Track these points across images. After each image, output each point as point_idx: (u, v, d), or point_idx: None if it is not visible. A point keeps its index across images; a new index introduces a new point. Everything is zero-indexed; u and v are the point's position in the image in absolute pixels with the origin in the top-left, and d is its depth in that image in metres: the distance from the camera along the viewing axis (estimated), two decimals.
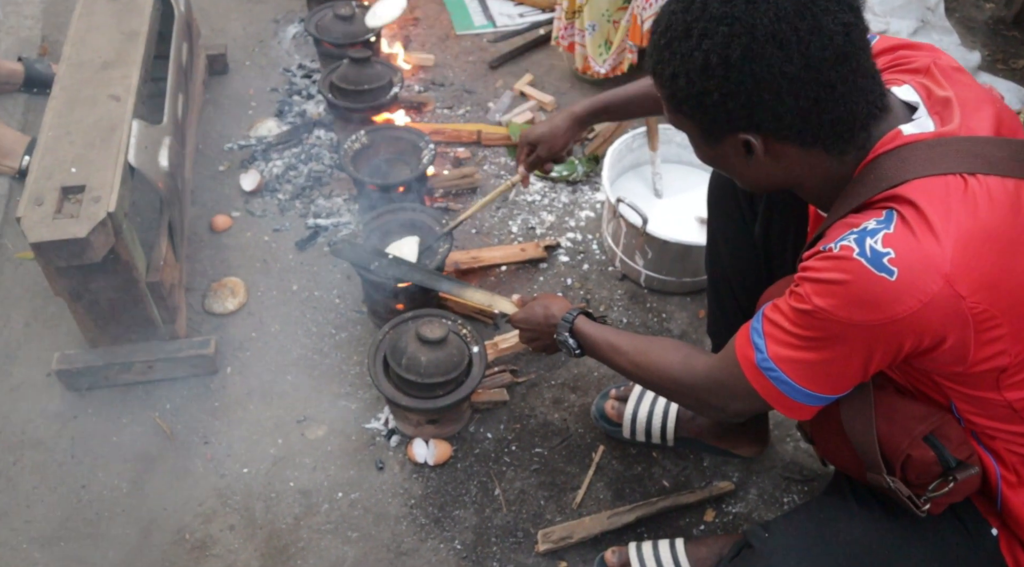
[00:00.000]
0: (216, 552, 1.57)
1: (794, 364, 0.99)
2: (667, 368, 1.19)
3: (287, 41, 2.79)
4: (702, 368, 1.15)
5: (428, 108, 2.53)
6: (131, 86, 1.79)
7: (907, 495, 1.05)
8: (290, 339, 1.92)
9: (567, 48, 2.54)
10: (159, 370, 1.80)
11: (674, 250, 1.90)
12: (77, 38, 1.92)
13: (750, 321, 1.06)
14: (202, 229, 2.17)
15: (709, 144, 1.02)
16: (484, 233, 2.17)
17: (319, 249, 2.13)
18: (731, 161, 1.02)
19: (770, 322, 1.01)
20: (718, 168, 1.10)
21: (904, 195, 0.91)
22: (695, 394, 1.16)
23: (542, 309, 1.42)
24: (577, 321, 1.36)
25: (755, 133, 0.96)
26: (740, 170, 1.04)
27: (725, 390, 1.10)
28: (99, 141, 1.66)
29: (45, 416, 1.77)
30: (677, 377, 1.18)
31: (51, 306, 1.95)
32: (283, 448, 1.73)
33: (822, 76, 0.91)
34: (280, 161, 2.34)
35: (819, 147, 0.97)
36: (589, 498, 1.65)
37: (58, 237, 1.48)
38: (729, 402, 1.11)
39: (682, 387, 1.18)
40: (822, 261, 0.94)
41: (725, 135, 0.98)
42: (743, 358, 1.05)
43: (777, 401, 1.03)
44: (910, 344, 0.93)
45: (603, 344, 1.31)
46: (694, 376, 1.15)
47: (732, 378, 1.07)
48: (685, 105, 0.98)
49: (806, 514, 1.19)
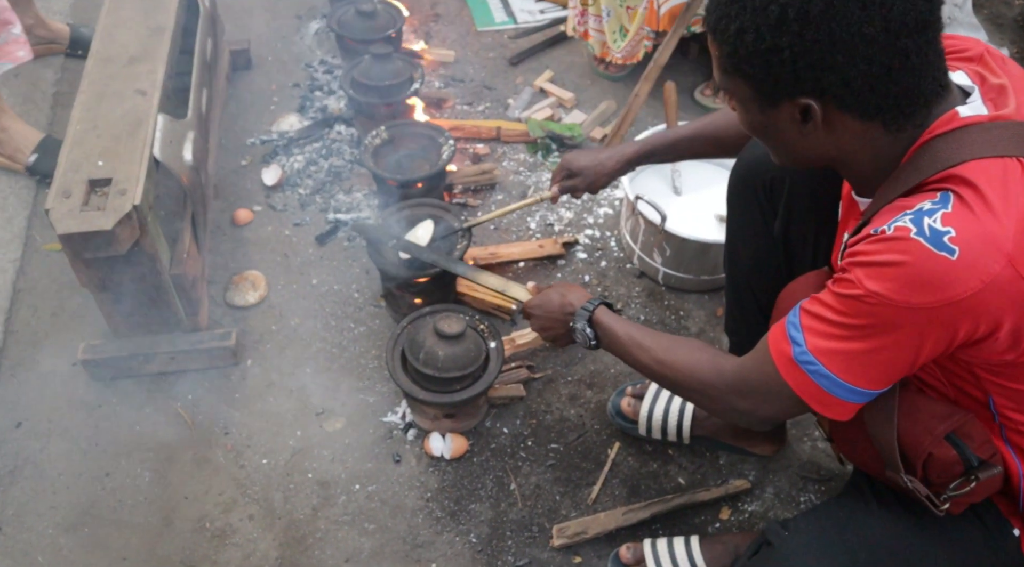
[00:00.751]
0: (235, 541, 1.59)
1: (837, 356, 0.95)
2: (694, 368, 1.15)
3: (309, 37, 2.81)
4: (732, 368, 1.10)
5: (448, 104, 2.54)
6: (157, 81, 1.82)
7: (925, 494, 1.03)
8: (309, 332, 1.94)
9: (583, 35, 2.54)
10: (181, 361, 1.83)
11: (693, 248, 1.90)
12: (105, 33, 1.95)
13: (784, 317, 1.02)
14: (224, 223, 2.19)
15: (763, 109, 0.97)
16: (503, 229, 2.18)
17: (339, 244, 2.15)
18: (781, 129, 0.98)
19: (809, 314, 0.97)
20: (763, 137, 1.05)
21: (961, 175, 0.89)
22: (723, 397, 1.11)
23: (559, 296, 1.38)
24: (597, 311, 1.31)
25: (818, 98, 0.92)
26: (789, 140, 1.00)
27: (756, 391, 1.05)
28: (125, 135, 1.69)
29: (71, 405, 1.80)
30: (704, 378, 1.13)
31: (77, 297, 1.98)
32: (302, 440, 1.75)
33: (899, 42, 0.87)
34: (301, 156, 2.36)
35: (878, 120, 0.93)
36: (604, 494, 1.66)
37: (85, 229, 1.51)
38: (760, 405, 1.06)
39: (709, 389, 1.13)
40: (875, 244, 0.90)
41: (783, 99, 0.94)
42: (777, 354, 1.00)
43: (815, 398, 0.99)
44: (965, 330, 0.90)
45: (624, 338, 1.26)
46: (723, 377, 1.10)
47: (765, 377, 1.02)
48: (747, 64, 0.93)
49: (825, 513, 1.17)
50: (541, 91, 2.59)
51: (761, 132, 1.03)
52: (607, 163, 1.59)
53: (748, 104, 0.99)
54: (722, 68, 0.98)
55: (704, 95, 2.55)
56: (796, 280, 1.21)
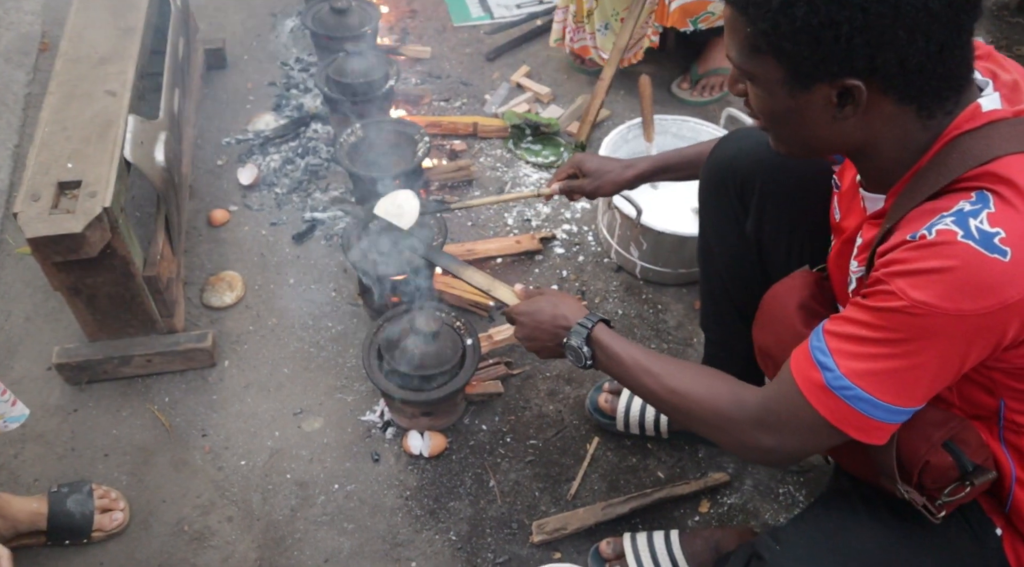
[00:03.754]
0: (214, 543, 1.58)
1: (877, 377, 0.89)
2: (710, 399, 1.05)
3: (285, 35, 2.79)
4: (754, 400, 1.01)
5: (425, 101, 2.53)
6: (127, 81, 1.80)
7: (922, 503, 1.01)
8: (287, 332, 1.94)
9: (578, 51, 2.50)
10: (157, 364, 1.82)
11: (669, 241, 1.90)
12: (74, 33, 1.92)
13: (804, 343, 0.96)
14: (200, 223, 2.18)
15: (793, 93, 0.90)
16: (479, 225, 2.17)
17: (316, 243, 2.14)
18: (809, 115, 0.91)
19: (838, 336, 0.91)
20: (780, 124, 0.97)
21: (996, 172, 0.85)
22: (745, 431, 1.01)
23: (550, 307, 1.27)
24: (597, 329, 1.20)
25: (866, 79, 0.85)
26: (814, 127, 0.93)
27: (784, 425, 0.97)
28: (95, 136, 1.67)
29: (46, 410, 1.79)
30: (723, 410, 1.04)
31: (51, 301, 1.97)
32: (280, 440, 1.74)
33: (958, 19, 0.83)
34: (277, 155, 2.34)
35: (913, 105, 0.88)
36: (584, 489, 1.66)
37: (54, 232, 1.50)
38: (788, 439, 0.98)
39: (728, 422, 1.03)
40: (917, 250, 0.85)
41: (822, 81, 0.87)
42: (805, 383, 0.93)
43: (852, 425, 0.92)
44: (1012, 334, 0.86)
45: (629, 362, 1.16)
46: (745, 409, 1.01)
47: (793, 408, 0.95)
48: (789, 41, 0.85)
49: (815, 524, 1.12)
50: (518, 86, 2.59)
51: (781, 119, 0.95)
52: (624, 173, 1.52)
53: (774, 88, 0.91)
54: (749, 47, 0.90)
55: (681, 88, 2.55)
56: (781, 282, 1.18)
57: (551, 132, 2.38)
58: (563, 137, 2.40)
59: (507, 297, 1.43)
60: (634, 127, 2.15)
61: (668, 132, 2.18)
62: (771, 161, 1.26)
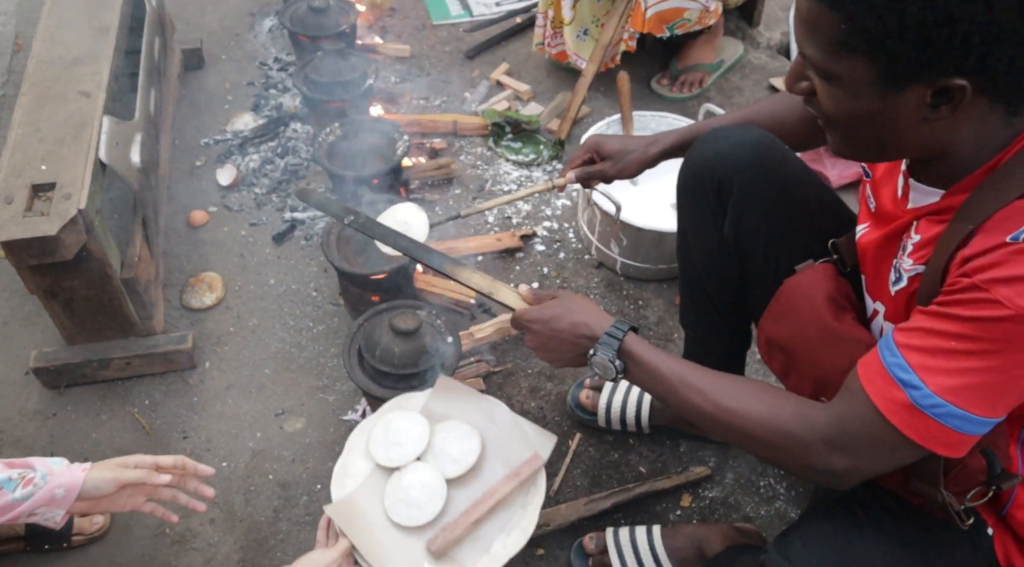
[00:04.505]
0: (196, 546, 1.58)
1: (970, 391, 0.83)
2: (773, 419, 0.96)
3: (263, 34, 2.78)
4: (825, 420, 0.93)
5: (404, 99, 2.53)
6: (101, 82, 1.79)
7: (960, 508, 0.98)
8: (268, 333, 1.93)
9: (555, 57, 2.49)
10: (137, 366, 1.81)
11: (649, 237, 1.91)
12: (46, 34, 1.91)
13: (872, 355, 0.91)
14: (179, 224, 2.16)
15: (883, 94, 0.84)
16: (460, 223, 2.17)
17: (296, 243, 2.13)
18: (895, 117, 0.86)
19: (919, 351, 0.85)
20: (857, 127, 0.90)
21: None
22: (815, 454, 0.93)
23: (568, 314, 1.14)
24: (628, 341, 1.09)
25: (974, 78, 0.80)
26: (897, 129, 0.87)
27: (859, 445, 0.91)
28: (69, 138, 1.66)
29: (24, 414, 1.77)
30: (790, 431, 0.95)
31: (28, 304, 1.95)
32: (262, 441, 1.73)
33: None
34: (257, 155, 2.33)
35: (1003, 104, 0.84)
36: (566, 485, 1.66)
37: (28, 235, 1.48)
38: (862, 461, 0.92)
39: (796, 445, 0.95)
40: (1020, 255, 0.80)
41: (919, 81, 0.82)
42: (886, 402, 0.87)
43: (940, 442, 0.87)
44: None
45: (672, 378, 1.05)
46: (814, 430, 0.93)
47: (870, 429, 0.89)
48: (894, 39, 0.79)
49: (824, 541, 1.05)
50: (498, 84, 2.59)
51: (860, 121, 0.89)
52: (648, 150, 1.41)
53: (860, 89, 0.85)
54: (838, 46, 0.83)
55: (660, 84, 2.56)
56: (801, 275, 1.14)
57: (531, 129, 2.39)
58: (543, 134, 2.40)
59: (512, 300, 1.26)
60: (613, 123, 2.15)
61: (647, 128, 2.19)
62: (748, 163, 1.25)
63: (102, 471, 1.22)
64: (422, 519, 1.32)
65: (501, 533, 1.33)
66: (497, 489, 1.35)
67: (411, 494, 1.34)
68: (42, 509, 1.16)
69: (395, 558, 1.28)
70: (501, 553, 1.30)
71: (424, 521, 1.32)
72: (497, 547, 1.32)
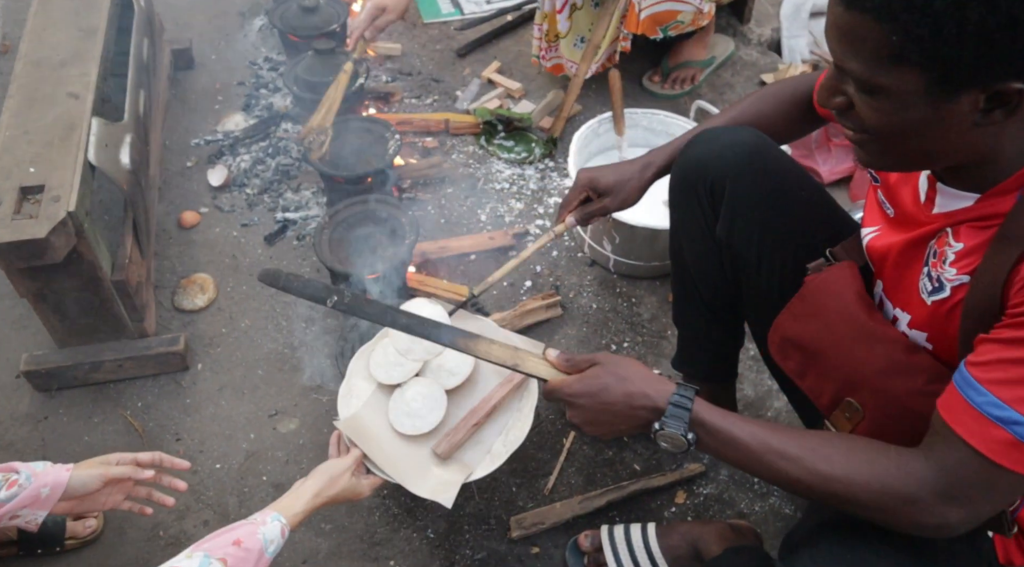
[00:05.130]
0: None
1: None
2: (877, 481, 0.90)
3: (253, 34, 2.77)
4: (931, 473, 0.88)
5: (395, 98, 2.52)
6: (90, 83, 1.78)
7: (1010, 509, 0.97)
8: (260, 334, 1.92)
9: (550, 70, 2.46)
10: (129, 368, 1.80)
11: (642, 235, 1.91)
12: (34, 35, 1.89)
13: (952, 397, 0.87)
14: (170, 226, 2.16)
15: (934, 102, 0.82)
16: (453, 223, 2.17)
17: (288, 243, 2.12)
18: (945, 125, 0.83)
19: (1009, 384, 0.82)
20: (902, 138, 0.87)
21: None
22: (925, 510, 0.88)
23: (618, 383, 1.03)
24: (699, 408, 0.99)
25: None
26: (947, 137, 0.85)
27: (972, 494, 0.87)
28: (58, 140, 1.65)
29: (15, 418, 1.76)
30: (898, 491, 0.89)
31: (18, 307, 1.94)
32: (255, 443, 1.73)
33: None
34: (248, 155, 2.32)
35: None
36: (561, 484, 1.66)
37: (17, 238, 1.47)
38: (979, 507, 0.88)
39: (904, 504, 0.89)
40: None
41: (973, 87, 0.80)
42: (988, 445, 0.83)
43: None
44: None
45: (757, 446, 0.96)
46: (921, 485, 0.88)
47: (980, 475, 0.85)
48: (952, 47, 0.77)
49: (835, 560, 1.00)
50: (489, 82, 2.58)
51: (907, 132, 0.86)
52: (644, 175, 1.38)
53: (909, 99, 0.82)
54: (887, 58, 0.80)
55: (652, 82, 2.56)
56: (827, 273, 1.12)
57: (523, 127, 2.38)
58: (535, 132, 2.40)
59: (543, 371, 1.12)
60: (605, 121, 2.15)
61: (639, 125, 2.19)
62: (740, 164, 1.25)
63: (87, 468, 1.23)
64: (425, 428, 1.41)
65: (500, 434, 1.43)
66: (493, 395, 1.44)
67: (413, 405, 1.41)
68: (25, 510, 1.17)
69: (404, 463, 1.36)
70: (502, 452, 1.39)
71: (427, 429, 1.41)
72: (497, 447, 1.41)
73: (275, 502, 1.22)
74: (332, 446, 1.39)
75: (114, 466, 1.26)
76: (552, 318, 1.92)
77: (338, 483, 1.27)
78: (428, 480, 1.37)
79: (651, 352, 1.88)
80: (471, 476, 1.37)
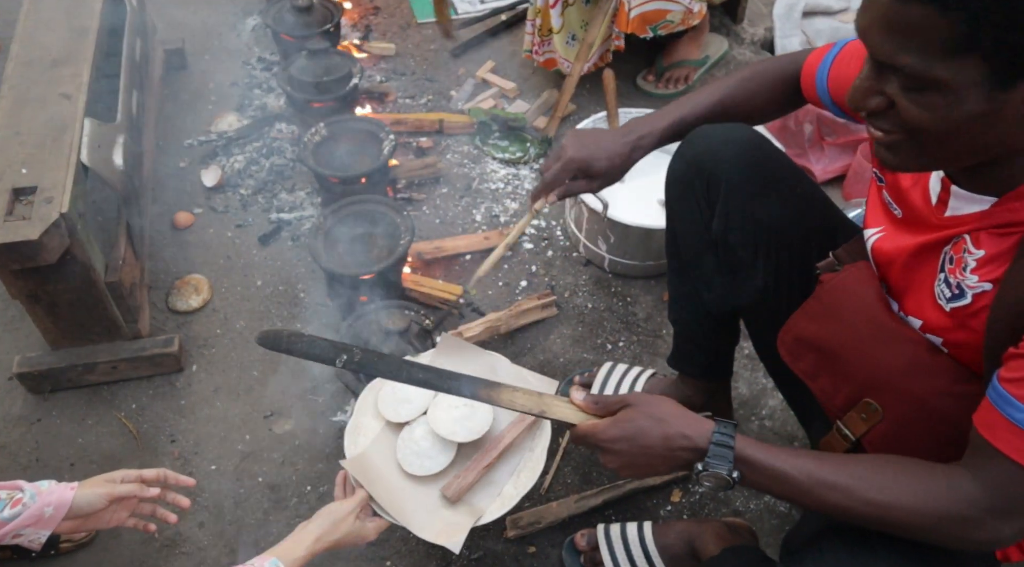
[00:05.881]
0: (185, 550, 1.57)
1: None
2: (928, 506, 0.90)
3: (246, 34, 2.76)
4: (980, 491, 0.88)
5: (390, 98, 2.52)
6: (82, 84, 1.77)
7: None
8: (255, 334, 1.91)
9: (543, 64, 2.46)
10: (123, 370, 1.79)
11: (636, 234, 1.91)
12: (25, 35, 1.88)
13: (990, 415, 0.87)
14: (164, 227, 2.15)
15: (991, 94, 0.79)
16: (447, 222, 2.17)
17: (283, 243, 2.12)
18: (999, 117, 0.81)
19: None
20: (952, 135, 0.83)
21: None
22: (978, 528, 0.89)
23: (655, 425, 1.00)
24: (741, 446, 0.97)
25: None
26: (996, 130, 0.82)
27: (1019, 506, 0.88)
28: (50, 141, 1.64)
29: (8, 420, 1.75)
30: (950, 512, 0.89)
31: (11, 309, 1.93)
32: (251, 444, 1.72)
33: None
34: (241, 156, 2.32)
35: None
36: (557, 483, 1.66)
37: (10, 240, 1.47)
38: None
39: (957, 525, 0.89)
40: None
41: None
42: None
43: None
44: None
45: (801, 478, 0.94)
46: (973, 504, 0.88)
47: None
48: (1017, 34, 0.74)
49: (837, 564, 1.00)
50: (483, 82, 2.58)
51: (959, 128, 0.83)
52: (632, 155, 1.30)
53: (966, 92, 0.79)
54: (948, 49, 0.77)
55: (646, 81, 2.56)
56: (845, 273, 1.11)
57: (518, 127, 2.38)
58: (530, 132, 2.40)
59: (569, 415, 1.09)
60: (599, 120, 2.15)
61: None
62: (737, 161, 1.25)
63: (92, 487, 1.20)
64: (434, 468, 1.37)
65: (512, 476, 1.39)
66: (505, 435, 1.41)
67: (422, 445, 1.38)
68: (28, 529, 1.15)
69: (411, 504, 1.33)
70: (512, 494, 1.36)
71: (436, 470, 1.37)
72: (508, 488, 1.37)
73: (275, 546, 1.18)
74: (338, 487, 1.35)
75: (119, 484, 1.22)
76: (547, 318, 1.93)
77: (341, 527, 1.24)
78: (435, 523, 1.33)
79: (646, 351, 1.88)
80: (480, 519, 1.34)
